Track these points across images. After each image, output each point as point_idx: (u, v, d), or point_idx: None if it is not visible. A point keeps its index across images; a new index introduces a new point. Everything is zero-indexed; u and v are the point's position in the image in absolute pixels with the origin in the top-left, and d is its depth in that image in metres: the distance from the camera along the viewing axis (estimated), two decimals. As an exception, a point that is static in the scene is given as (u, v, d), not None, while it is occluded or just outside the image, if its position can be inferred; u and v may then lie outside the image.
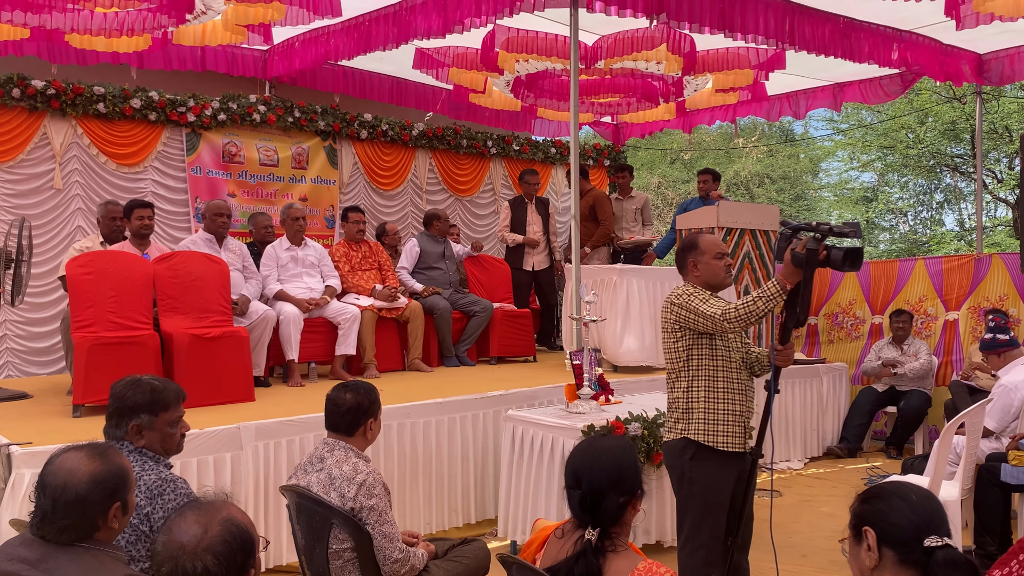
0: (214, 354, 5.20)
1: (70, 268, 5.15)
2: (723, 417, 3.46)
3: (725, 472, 3.46)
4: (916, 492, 1.90)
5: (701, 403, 3.46)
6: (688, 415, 3.49)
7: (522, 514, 4.74)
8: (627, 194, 8.87)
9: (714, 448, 3.44)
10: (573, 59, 6.09)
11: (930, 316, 8.14)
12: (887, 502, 1.89)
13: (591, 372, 4.92)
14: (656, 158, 23.41)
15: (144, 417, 2.73)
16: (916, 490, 1.91)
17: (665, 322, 3.57)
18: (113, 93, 7.11)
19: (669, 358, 3.58)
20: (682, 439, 3.50)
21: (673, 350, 3.55)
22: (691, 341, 3.49)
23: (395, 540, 3.11)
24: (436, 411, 5.16)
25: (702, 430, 3.45)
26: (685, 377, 3.51)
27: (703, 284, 3.56)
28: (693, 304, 3.43)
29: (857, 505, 1.96)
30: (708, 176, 8.79)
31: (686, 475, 3.49)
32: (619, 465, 2.36)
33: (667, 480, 4.73)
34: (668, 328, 3.56)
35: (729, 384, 3.49)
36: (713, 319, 3.35)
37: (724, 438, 3.45)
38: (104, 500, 2.10)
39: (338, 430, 3.27)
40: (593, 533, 2.28)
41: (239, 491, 4.31)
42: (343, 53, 7.17)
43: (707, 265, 3.56)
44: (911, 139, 19.26)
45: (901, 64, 7.23)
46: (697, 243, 3.61)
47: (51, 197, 7.01)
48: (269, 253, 6.47)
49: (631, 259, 8.59)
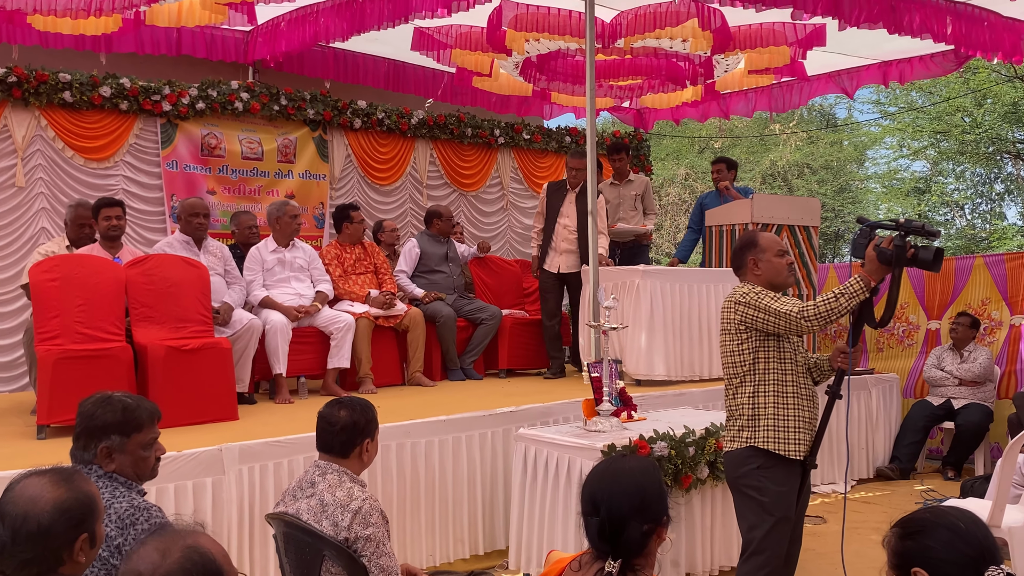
0: (193, 368, 5.20)
1: (34, 274, 5.17)
2: (793, 424, 3.58)
3: (793, 481, 3.61)
4: (962, 519, 1.88)
5: (769, 409, 3.58)
6: (754, 422, 3.60)
7: (536, 544, 4.74)
8: (624, 178, 8.58)
9: (784, 456, 3.56)
10: (589, 38, 6.09)
11: (994, 321, 8.07)
12: (934, 536, 1.86)
13: (611, 386, 4.91)
14: (683, 147, 23.40)
15: (115, 439, 2.73)
16: (961, 516, 1.89)
17: (728, 323, 3.66)
18: (80, 80, 7.16)
19: (731, 362, 3.67)
20: (747, 448, 3.61)
21: (736, 353, 3.64)
22: (757, 344, 3.60)
23: (394, 574, 3.11)
24: (439, 430, 5.15)
25: (771, 438, 3.57)
26: (750, 382, 3.61)
27: (765, 284, 3.66)
28: (764, 303, 3.52)
29: (897, 542, 1.92)
30: (721, 165, 8.69)
31: (754, 485, 3.58)
32: (642, 488, 2.35)
33: (697, 506, 4.74)
34: (731, 330, 3.64)
35: (797, 389, 3.62)
36: (789, 317, 3.45)
37: (794, 446, 3.57)
38: (69, 531, 2.09)
39: (331, 451, 3.27)
40: (614, 565, 2.27)
41: (221, 519, 4.32)
42: (334, 34, 7.18)
43: (768, 263, 3.68)
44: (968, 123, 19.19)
45: (956, 40, 7.19)
46: (757, 240, 3.72)
47: (12, 196, 7.05)
48: (253, 256, 6.49)
49: (628, 254, 8.43)
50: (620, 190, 8.51)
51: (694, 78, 8.04)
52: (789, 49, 7.56)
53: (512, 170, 10.04)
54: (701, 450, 4.66)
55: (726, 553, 4.89)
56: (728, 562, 4.90)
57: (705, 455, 4.66)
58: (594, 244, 6.34)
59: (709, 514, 4.82)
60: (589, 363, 5.08)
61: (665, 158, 22.95)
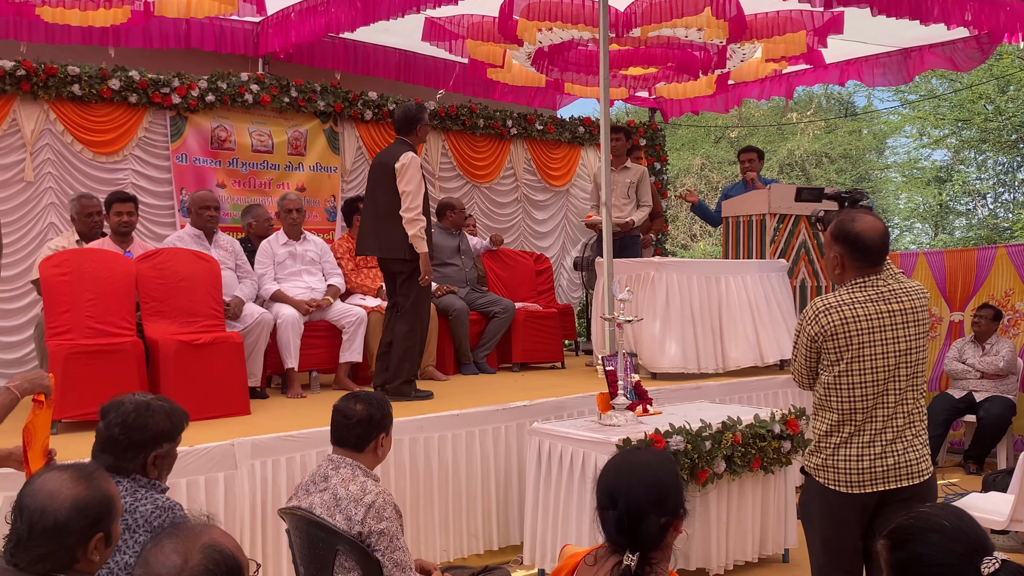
0: (205, 363, 5.24)
1: (44, 269, 5.21)
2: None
3: None
4: (947, 517, 1.88)
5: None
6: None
7: (551, 539, 4.75)
8: (620, 164, 8.23)
9: None
10: (603, 27, 6.09)
11: (1019, 312, 8.03)
12: (922, 542, 1.87)
13: (626, 379, 4.91)
14: (698, 136, 23.33)
15: (166, 446, 2.79)
16: (946, 514, 1.89)
17: (925, 322, 3.34)
18: (89, 73, 7.19)
19: (923, 370, 3.36)
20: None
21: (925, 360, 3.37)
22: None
23: (407, 569, 3.13)
24: (453, 424, 5.18)
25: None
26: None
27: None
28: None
29: (888, 554, 1.92)
30: (752, 154, 8.67)
31: None
32: (660, 481, 2.37)
33: (713, 501, 4.74)
34: (925, 328, 3.35)
35: None
36: None
37: None
38: (86, 530, 2.12)
39: (346, 445, 3.29)
40: (632, 558, 2.29)
41: (233, 514, 4.36)
42: (345, 24, 7.20)
43: None
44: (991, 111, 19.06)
45: (977, 26, 7.16)
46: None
47: (22, 191, 7.09)
48: (264, 249, 6.52)
49: (617, 246, 7.67)
50: (615, 176, 8.11)
51: (708, 68, 8.01)
52: (806, 37, 7.53)
53: (526, 161, 10.03)
54: (718, 444, 4.66)
55: (741, 548, 4.89)
56: (742, 557, 4.91)
57: (722, 449, 4.66)
58: (608, 236, 6.34)
59: (725, 509, 4.82)
60: (604, 356, 5.09)
61: (680, 148, 22.87)
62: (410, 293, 5.88)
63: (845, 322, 3.22)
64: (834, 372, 3.27)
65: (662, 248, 10.55)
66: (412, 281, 5.87)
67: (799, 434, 5.04)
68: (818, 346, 3.30)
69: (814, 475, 3.35)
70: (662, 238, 10.63)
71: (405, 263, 5.84)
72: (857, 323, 3.22)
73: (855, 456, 3.24)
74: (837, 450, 3.27)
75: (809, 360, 3.36)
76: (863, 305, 3.23)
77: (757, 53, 8.12)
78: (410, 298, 5.88)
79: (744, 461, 4.76)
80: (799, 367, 3.43)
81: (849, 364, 3.23)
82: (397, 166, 5.75)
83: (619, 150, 8.19)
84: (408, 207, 5.71)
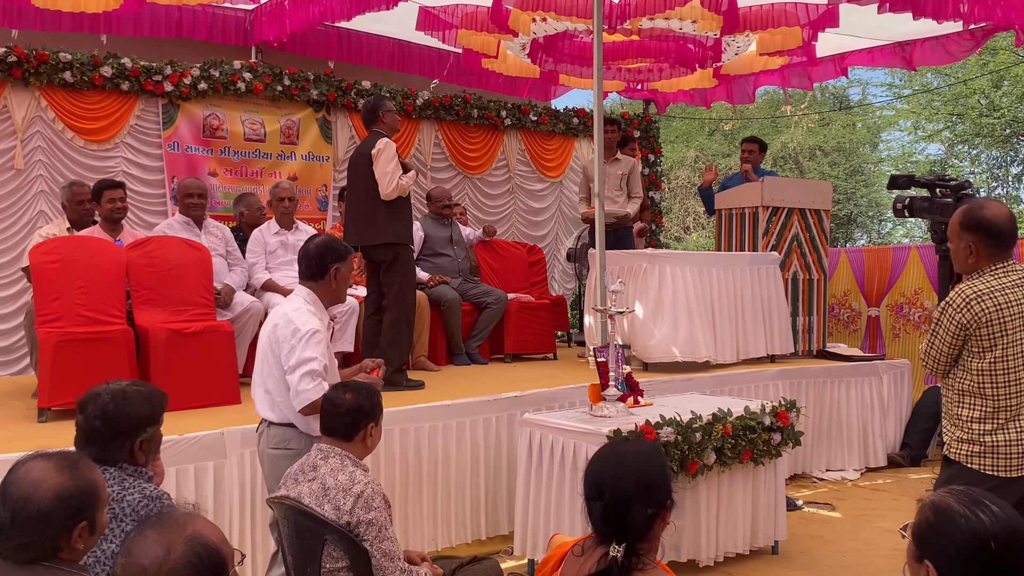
0: (195, 351, 5.23)
1: (34, 256, 5.20)
2: None
3: None
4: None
5: None
6: None
7: (541, 529, 4.75)
8: (611, 156, 8.29)
9: None
10: (597, 19, 6.07)
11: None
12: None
13: (618, 370, 4.92)
14: (693, 129, 23.32)
15: (150, 430, 2.77)
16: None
17: None
18: (81, 60, 7.16)
19: None
20: None
21: None
22: None
23: (396, 559, 3.13)
24: (444, 414, 5.17)
25: None
26: None
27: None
28: None
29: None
30: (754, 145, 8.66)
31: None
32: (646, 472, 2.37)
33: (703, 492, 4.74)
34: None
35: None
36: None
37: None
38: (68, 519, 2.11)
39: (335, 434, 3.29)
40: (619, 550, 2.29)
41: (222, 503, 4.35)
42: (339, 13, 7.17)
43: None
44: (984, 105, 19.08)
45: (972, 19, 7.14)
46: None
47: (12, 178, 7.06)
48: (256, 238, 6.51)
49: (610, 238, 7.79)
50: (606, 168, 8.15)
51: (703, 60, 7.99)
52: (801, 30, 7.51)
53: (519, 152, 10.01)
54: (708, 436, 4.66)
55: (731, 540, 4.90)
56: (733, 549, 4.91)
57: (712, 441, 4.67)
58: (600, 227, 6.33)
59: (715, 500, 4.82)
60: (595, 347, 5.09)
61: (675, 140, 22.87)
62: (394, 282, 5.89)
63: (999, 308, 3.25)
64: (987, 359, 3.29)
65: (656, 240, 10.56)
66: (396, 268, 5.89)
67: (789, 426, 5.05)
68: (967, 333, 3.31)
69: (966, 462, 3.36)
70: (656, 229, 10.63)
71: (389, 248, 5.85)
72: (1010, 308, 3.26)
73: (1015, 441, 3.29)
74: (995, 435, 3.31)
75: (953, 348, 3.38)
76: (1012, 291, 3.28)
77: (751, 46, 8.10)
78: (394, 287, 5.89)
79: (734, 453, 4.77)
80: (939, 354, 3.42)
81: (1004, 350, 3.27)
82: (373, 152, 5.80)
83: (611, 142, 8.27)
84: (384, 187, 5.77)
